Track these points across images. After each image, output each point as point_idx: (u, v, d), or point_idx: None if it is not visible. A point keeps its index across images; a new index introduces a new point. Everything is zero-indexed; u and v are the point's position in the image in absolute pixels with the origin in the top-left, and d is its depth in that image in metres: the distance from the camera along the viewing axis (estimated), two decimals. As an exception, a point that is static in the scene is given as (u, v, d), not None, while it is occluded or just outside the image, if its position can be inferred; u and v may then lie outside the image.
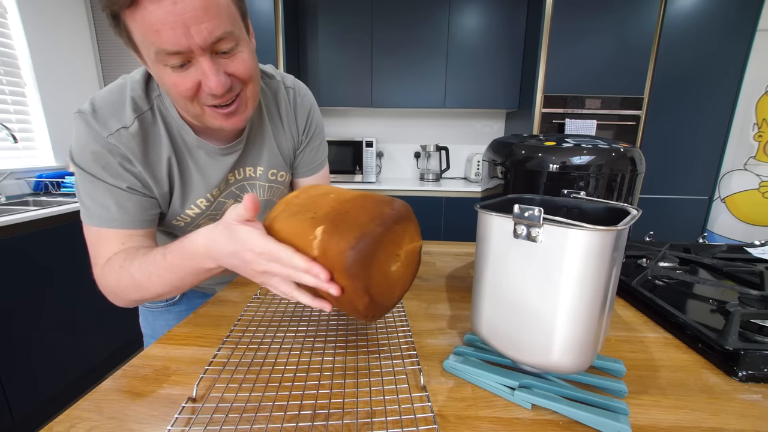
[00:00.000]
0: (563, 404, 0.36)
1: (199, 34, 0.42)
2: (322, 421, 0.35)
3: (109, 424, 0.35)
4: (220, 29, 0.44)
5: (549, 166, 0.57)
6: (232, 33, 0.46)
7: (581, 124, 2.10)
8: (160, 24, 0.41)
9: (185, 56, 0.44)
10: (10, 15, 1.88)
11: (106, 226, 0.53)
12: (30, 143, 2.00)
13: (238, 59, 0.49)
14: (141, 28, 0.42)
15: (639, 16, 1.99)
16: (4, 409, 1.30)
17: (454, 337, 0.52)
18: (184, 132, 0.57)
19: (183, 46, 0.42)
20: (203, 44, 0.43)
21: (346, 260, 0.36)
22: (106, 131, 0.51)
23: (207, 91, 0.47)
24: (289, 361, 0.45)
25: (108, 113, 0.52)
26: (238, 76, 0.49)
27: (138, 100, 0.54)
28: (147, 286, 0.50)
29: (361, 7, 2.32)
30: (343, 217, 0.39)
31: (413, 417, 0.35)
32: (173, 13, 0.40)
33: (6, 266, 1.31)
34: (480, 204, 0.43)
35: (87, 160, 0.51)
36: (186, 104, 0.50)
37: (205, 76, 0.46)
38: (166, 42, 0.42)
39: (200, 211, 0.63)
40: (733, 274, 0.71)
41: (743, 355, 0.42)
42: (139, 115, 0.53)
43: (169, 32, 0.41)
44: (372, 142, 2.48)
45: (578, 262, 0.33)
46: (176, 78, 0.46)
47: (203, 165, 0.60)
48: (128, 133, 0.52)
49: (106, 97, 0.54)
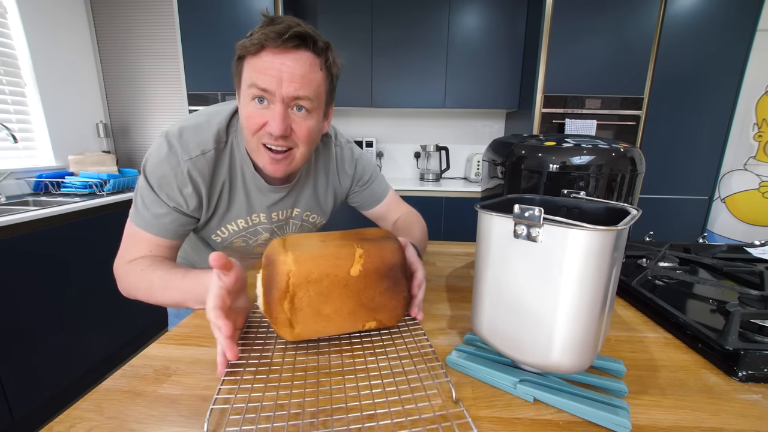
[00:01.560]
0: (565, 398, 0.36)
1: (287, 88, 0.55)
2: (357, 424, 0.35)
3: (109, 424, 0.35)
4: (302, 92, 0.56)
5: (549, 166, 0.57)
6: (310, 100, 0.58)
7: (581, 124, 2.10)
8: (265, 69, 0.54)
9: (268, 96, 0.56)
10: (10, 15, 1.88)
11: (146, 230, 0.62)
12: (30, 143, 2.00)
13: (304, 123, 0.60)
14: (252, 69, 0.55)
15: (639, 16, 1.99)
16: (4, 408, 1.30)
17: (454, 337, 0.52)
18: (245, 166, 0.67)
19: (271, 88, 0.55)
20: (285, 95, 0.56)
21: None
22: (185, 155, 0.60)
23: (268, 129, 0.57)
24: (308, 365, 0.45)
25: (192, 138, 0.62)
26: (296, 133, 0.60)
27: (221, 131, 0.64)
28: (157, 295, 0.59)
29: (361, 6, 2.32)
30: (358, 237, 0.50)
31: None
32: (277, 68, 0.54)
33: (6, 266, 1.31)
34: (480, 204, 0.43)
35: (154, 176, 0.60)
36: (248, 136, 0.60)
37: (273, 117, 0.57)
38: (261, 80, 0.55)
39: (237, 230, 0.72)
40: (733, 274, 0.71)
41: (743, 355, 0.42)
42: (218, 145, 0.64)
43: (267, 77, 0.55)
44: (372, 142, 2.48)
45: (578, 262, 0.33)
46: (253, 110, 0.57)
47: (251, 194, 0.70)
48: (204, 159, 0.62)
49: (193, 125, 0.63)
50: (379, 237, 0.50)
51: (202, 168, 0.62)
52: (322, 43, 0.58)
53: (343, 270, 0.45)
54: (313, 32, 0.57)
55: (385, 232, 0.52)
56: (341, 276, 0.45)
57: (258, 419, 0.35)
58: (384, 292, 0.47)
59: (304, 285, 0.43)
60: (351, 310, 0.46)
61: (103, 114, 2.46)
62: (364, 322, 0.48)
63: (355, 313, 0.46)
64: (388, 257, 0.47)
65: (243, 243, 0.76)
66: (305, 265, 0.44)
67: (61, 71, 2.14)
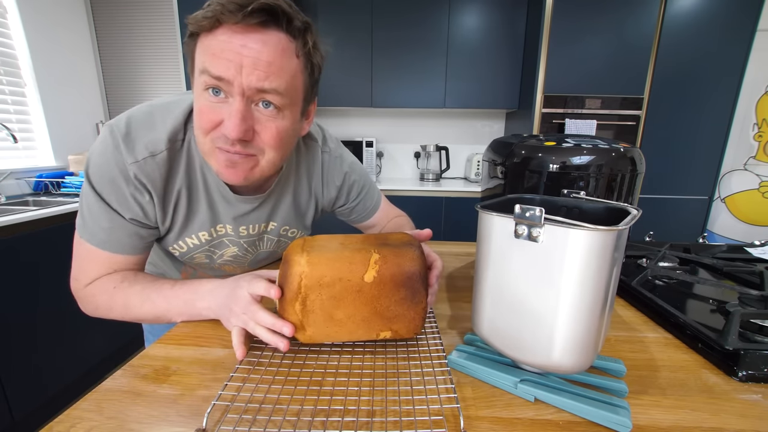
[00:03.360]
0: (565, 398, 0.36)
1: (248, 76, 0.44)
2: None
3: (109, 424, 0.35)
4: (269, 83, 0.45)
5: (549, 166, 0.57)
6: (280, 95, 0.46)
7: (581, 124, 2.10)
8: (221, 51, 0.43)
9: (225, 86, 0.44)
10: (10, 15, 1.88)
11: (100, 247, 0.52)
12: (30, 143, 2.00)
13: (271, 123, 0.48)
14: (205, 50, 0.44)
15: (639, 16, 1.99)
16: (4, 409, 1.30)
17: (454, 337, 0.52)
18: (207, 169, 0.56)
19: (227, 76, 0.43)
20: (246, 86, 0.44)
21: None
22: (131, 157, 0.49)
23: (223, 129, 0.46)
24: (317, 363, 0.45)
25: (141, 136, 0.51)
26: (261, 136, 0.48)
27: (177, 128, 0.53)
28: (135, 311, 0.53)
29: (361, 6, 2.32)
30: (379, 242, 0.47)
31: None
32: (236, 50, 0.43)
33: (6, 266, 1.31)
34: (480, 204, 0.43)
35: (101, 181, 0.50)
36: (200, 136, 0.49)
37: (230, 115, 0.45)
38: (215, 66, 0.43)
39: (199, 244, 0.61)
40: (733, 274, 0.71)
41: (743, 355, 0.42)
42: (172, 145, 0.52)
43: (223, 61, 0.43)
44: (372, 142, 2.48)
45: (579, 262, 0.33)
46: (206, 104, 0.46)
47: (216, 203, 0.59)
48: (154, 161, 0.51)
49: (143, 119, 0.52)
50: (401, 243, 0.47)
51: (152, 173, 0.51)
52: (299, 23, 0.46)
53: (357, 275, 0.43)
54: (288, 6, 0.45)
55: (409, 238, 0.49)
56: (355, 281, 0.43)
57: (255, 420, 0.35)
58: (401, 302, 0.44)
59: (317, 288, 0.43)
60: (364, 317, 0.44)
61: (103, 114, 2.46)
62: (378, 331, 0.46)
63: (369, 321, 0.44)
64: (407, 265, 0.44)
65: (206, 259, 0.65)
66: (318, 268, 0.43)
67: (61, 71, 2.14)
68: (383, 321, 0.45)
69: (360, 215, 0.77)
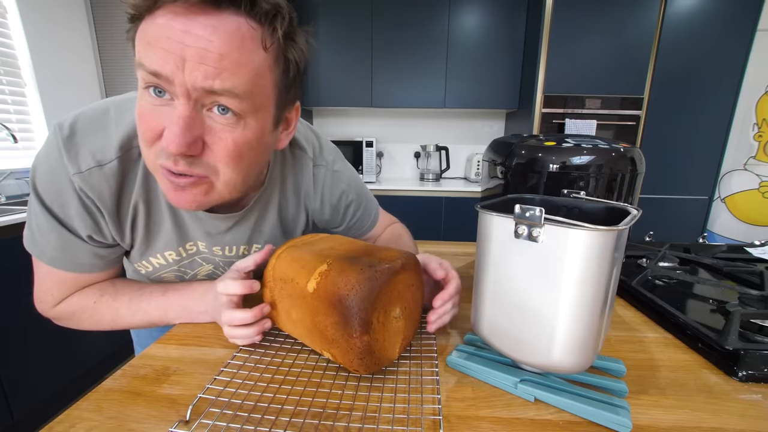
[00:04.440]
0: (566, 398, 0.36)
1: (191, 72, 0.33)
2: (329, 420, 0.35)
3: (109, 424, 0.35)
4: (222, 83, 0.35)
5: (549, 166, 0.57)
6: (238, 97, 0.36)
7: (581, 124, 2.10)
8: (157, 39, 0.33)
9: (166, 85, 0.35)
10: (10, 15, 1.88)
11: (54, 266, 0.46)
12: (30, 143, 2.00)
13: (227, 134, 0.38)
14: (142, 38, 0.35)
15: (639, 16, 1.99)
16: (4, 409, 1.30)
17: (454, 337, 0.52)
18: None
19: (165, 71, 0.34)
20: (190, 85, 0.34)
21: (352, 293, 0.37)
22: (74, 167, 0.41)
23: (162, 142, 0.36)
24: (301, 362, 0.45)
25: (87, 141, 0.42)
26: (212, 150, 0.38)
27: (132, 132, 0.43)
28: (127, 321, 0.50)
29: (362, 6, 2.32)
30: (351, 254, 0.43)
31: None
32: (176, 38, 0.33)
33: (6, 266, 1.31)
34: (480, 204, 0.43)
35: (48, 193, 0.42)
36: (143, 147, 0.39)
37: (171, 122, 0.35)
38: (150, 58, 0.34)
39: (166, 264, 0.54)
40: (733, 274, 0.71)
41: (743, 355, 0.42)
42: (125, 153, 0.43)
43: (159, 51, 0.33)
44: (372, 142, 2.48)
45: (579, 262, 0.33)
46: (147, 108, 0.37)
47: (183, 220, 0.51)
48: (101, 172, 0.42)
49: (93, 119, 0.43)
50: (371, 261, 0.40)
51: (98, 186, 0.42)
52: (266, 3, 0.36)
53: (303, 280, 0.41)
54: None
55: (395, 258, 0.42)
56: (301, 286, 0.41)
57: (235, 416, 0.35)
58: (335, 326, 0.38)
59: (279, 282, 0.45)
60: (308, 328, 0.42)
61: (103, 114, 2.46)
62: (321, 348, 0.42)
63: (312, 333, 0.42)
64: (342, 287, 0.37)
65: (176, 279, 0.58)
66: (282, 263, 0.45)
67: (61, 71, 2.14)
68: (323, 340, 0.40)
69: (357, 233, 0.71)
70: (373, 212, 0.71)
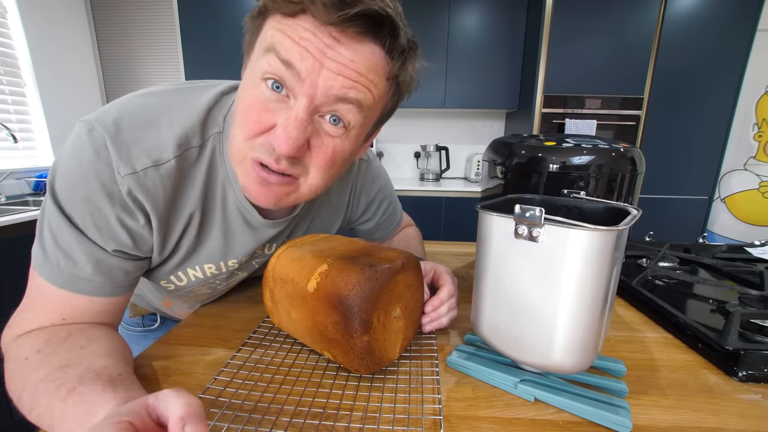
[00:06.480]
0: (565, 398, 0.36)
1: (328, 81, 0.34)
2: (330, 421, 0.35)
3: (110, 424, 0.35)
4: (356, 93, 0.36)
5: (549, 166, 0.57)
6: (360, 109, 0.37)
7: (581, 124, 2.10)
8: (300, 38, 0.33)
9: (291, 80, 0.34)
10: (10, 15, 1.89)
11: (62, 287, 0.38)
12: (30, 143, 2.00)
13: (330, 141, 0.38)
14: (277, 27, 0.34)
15: (639, 16, 1.99)
16: (4, 408, 1.30)
17: (454, 337, 0.52)
18: (228, 186, 0.44)
19: (300, 66, 0.33)
20: (322, 90, 0.35)
21: (352, 293, 0.37)
22: (126, 167, 0.36)
23: (271, 138, 0.36)
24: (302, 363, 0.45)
25: (138, 138, 0.37)
26: (312, 154, 0.39)
27: (191, 130, 0.40)
28: (26, 411, 0.36)
29: (361, 7, 2.32)
30: (351, 254, 0.42)
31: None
32: (319, 47, 0.33)
33: (6, 266, 1.31)
34: (480, 204, 0.43)
35: (74, 202, 0.36)
36: (239, 137, 0.37)
37: (287, 122, 0.35)
38: (288, 48, 0.33)
39: (202, 278, 0.50)
40: (733, 274, 0.71)
41: (743, 355, 0.42)
42: (183, 153, 0.40)
43: (299, 48, 0.33)
44: (372, 142, 2.48)
45: (579, 262, 0.33)
46: (259, 100, 0.36)
47: (234, 231, 0.48)
48: (158, 173, 0.38)
49: (140, 115, 0.38)
50: (371, 261, 0.40)
51: (153, 188, 0.38)
52: (405, 41, 0.38)
53: (303, 280, 0.41)
54: (398, 17, 0.35)
55: (395, 257, 0.42)
56: (301, 286, 0.41)
57: (234, 418, 0.35)
58: (336, 326, 0.38)
59: (279, 282, 0.44)
60: (308, 328, 0.42)
61: (103, 114, 2.46)
62: (321, 348, 0.42)
63: (312, 333, 0.42)
64: (343, 287, 0.37)
65: (208, 290, 0.54)
66: (282, 262, 0.45)
67: (61, 71, 2.14)
68: (324, 340, 0.40)
69: (384, 233, 0.72)
70: (399, 213, 0.76)
